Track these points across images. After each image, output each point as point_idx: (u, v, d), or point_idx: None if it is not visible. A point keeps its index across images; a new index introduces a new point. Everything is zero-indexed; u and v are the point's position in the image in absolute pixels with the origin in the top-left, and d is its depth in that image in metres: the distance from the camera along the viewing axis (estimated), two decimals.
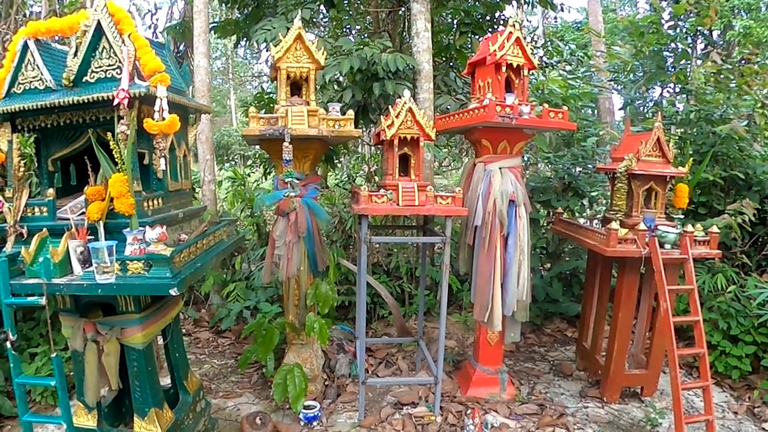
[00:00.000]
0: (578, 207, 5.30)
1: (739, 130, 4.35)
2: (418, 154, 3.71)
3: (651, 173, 3.84)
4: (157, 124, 2.53)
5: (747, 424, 3.77)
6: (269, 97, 7.70)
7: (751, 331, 4.23)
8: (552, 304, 5.40)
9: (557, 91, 5.21)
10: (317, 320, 3.79)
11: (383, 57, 4.93)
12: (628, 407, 3.96)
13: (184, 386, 3.37)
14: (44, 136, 2.85)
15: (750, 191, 4.70)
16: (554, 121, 3.80)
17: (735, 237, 4.49)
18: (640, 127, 5.08)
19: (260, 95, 7.41)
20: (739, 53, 5.51)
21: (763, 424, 3.75)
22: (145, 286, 2.42)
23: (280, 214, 3.73)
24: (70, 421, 2.69)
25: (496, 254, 3.79)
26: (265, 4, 6.24)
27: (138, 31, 2.69)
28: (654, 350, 3.99)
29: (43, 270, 2.42)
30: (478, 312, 3.85)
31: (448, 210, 3.57)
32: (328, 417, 3.75)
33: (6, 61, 2.77)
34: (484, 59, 3.79)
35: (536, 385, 4.27)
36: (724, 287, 4.32)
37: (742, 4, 8.18)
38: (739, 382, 4.27)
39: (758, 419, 3.82)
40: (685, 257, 3.65)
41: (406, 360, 4.64)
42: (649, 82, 5.22)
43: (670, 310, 3.53)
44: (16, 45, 2.73)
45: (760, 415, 3.85)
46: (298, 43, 3.64)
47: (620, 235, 3.68)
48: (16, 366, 2.65)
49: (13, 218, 2.71)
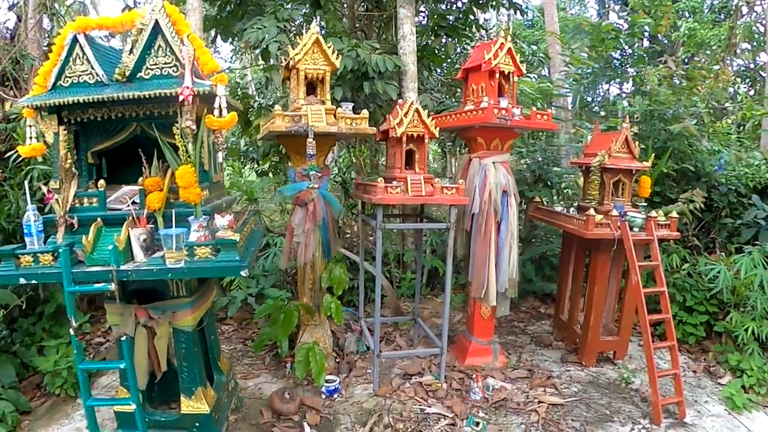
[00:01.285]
0: (548, 197, 5.90)
1: (690, 128, 5.05)
2: (423, 150, 4.11)
3: (620, 167, 4.44)
4: (218, 120, 2.76)
5: (705, 380, 4.45)
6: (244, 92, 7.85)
7: (703, 303, 4.94)
8: (527, 283, 5.98)
9: (527, 92, 5.75)
10: (334, 301, 4.14)
11: (373, 58, 5.27)
12: (604, 369, 4.57)
13: (218, 366, 3.61)
14: (84, 130, 2.95)
15: (699, 182, 5.43)
16: (541, 122, 4.30)
17: (687, 222, 5.20)
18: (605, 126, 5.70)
19: (233, 90, 7.52)
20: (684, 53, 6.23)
21: (719, 380, 4.42)
22: (216, 269, 2.61)
23: (299, 204, 4.03)
24: (139, 400, 2.81)
25: (491, 238, 4.27)
26: (249, 2, 6.40)
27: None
28: (624, 319, 4.61)
29: (112, 257, 2.53)
30: (476, 289, 4.33)
31: (453, 199, 4.00)
32: (345, 389, 4.11)
33: (53, 55, 2.83)
34: (479, 66, 4.23)
35: (522, 354, 4.81)
36: (679, 266, 5.01)
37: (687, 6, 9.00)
38: (695, 346, 4.99)
39: (714, 376, 4.50)
40: (651, 238, 4.27)
41: (403, 337, 5.07)
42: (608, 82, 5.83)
43: (640, 283, 4.14)
44: (64, 38, 2.79)
45: (715, 373, 4.54)
46: (315, 47, 3.93)
47: (597, 220, 4.25)
48: (79, 353, 2.71)
49: (62, 209, 2.80)
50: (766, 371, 4.27)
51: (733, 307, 4.65)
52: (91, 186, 2.99)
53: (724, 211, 5.37)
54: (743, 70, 11.32)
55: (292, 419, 3.64)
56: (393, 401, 3.93)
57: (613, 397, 4.09)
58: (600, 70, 5.89)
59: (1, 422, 3.56)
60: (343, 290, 4.38)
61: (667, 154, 4.92)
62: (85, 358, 3.06)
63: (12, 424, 3.55)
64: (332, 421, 3.67)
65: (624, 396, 4.13)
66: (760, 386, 4.19)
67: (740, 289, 4.56)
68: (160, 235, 2.68)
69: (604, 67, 5.87)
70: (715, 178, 5.33)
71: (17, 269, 2.60)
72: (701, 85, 5.27)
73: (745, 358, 4.37)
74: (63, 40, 2.82)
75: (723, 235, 5.34)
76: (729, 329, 4.61)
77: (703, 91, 5.23)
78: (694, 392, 4.23)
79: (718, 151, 5.45)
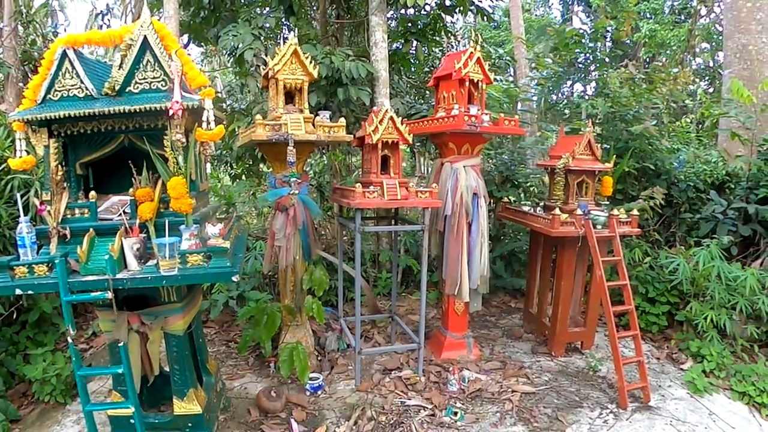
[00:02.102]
0: (516, 197, 6.19)
1: (650, 129, 5.38)
2: (397, 155, 4.30)
3: (583, 168, 4.73)
4: (207, 132, 2.91)
5: (668, 366, 4.78)
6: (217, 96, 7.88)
7: (665, 294, 5.29)
8: (497, 279, 6.26)
9: (494, 95, 6.01)
10: (315, 301, 4.29)
11: (347, 65, 5.43)
12: (572, 359, 4.87)
13: (206, 368, 3.74)
14: (72, 142, 3.03)
15: (659, 179, 5.79)
16: (508, 127, 4.55)
17: (648, 218, 5.55)
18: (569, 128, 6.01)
19: None
20: (645, 54, 6.59)
21: (681, 365, 4.75)
22: (209, 275, 2.77)
23: (280, 209, 4.19)
24: (137, 404, 2.93)
25: (462, 238, 4.51)
26: (222, 9, 6.48)
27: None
28: (590, 311, 4.92)
29: (108, 266, 2.64)
30: (449, 287, 4.57)
31: (427, 202, 4.22)
32: (329, 386, 4.28)
33: (42, 69, 2.90)
34: (450, 74, 4.45)
35: (495, 347, 5.08)
36: (641, 259, 5.35)
37: (648, 8, 9.40)
38: (658, 335, 5.34)
39: (677, 362, 4.83)
40: (613, 235, 4.57)
41: (381, 335, 5.27)
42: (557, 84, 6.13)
43: (604, 277, 4.44)
44: (53, 53, 2.87)
45: (677, 359, 4.87)
46: (294, 58, 4.08)
47: (562, 219, 4.52)
48: (77, 360, 2.81)
49: (54, 220, 2.89)
50: (724, 356, 4.59)
51: (693, 298, 5.00)
52: (80, 197, 3.08)
53: (684, 207, 5.74)
54: (702, 68, 11.87)
55: (279, 416, 3.80)
56: (375, 395, 4.12)
57: (581, 385, 4.38)
58: (564, 73, 6.20)
59: None
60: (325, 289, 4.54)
61: (628, 154, 5.24)
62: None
63: (2, 431, 3.61)
64: (318, 416, 3.84)
65: (592, 383, 4.42)
66: (719, 370, 4.51)
67: (699, 280, 4.91)
68: (153, 244, 2.80)
69: (568, 70, 6.18)
70: (675, 175, 5.69)
71: (12, 280, 2.66)
72: (661, 87, 5.61)
73: (705, 345, 4.71)
74: (52, 55, 2.89)
75: (683, 229, 5.71)
76: (689, 318, 4.95)
77: (664, 91, 5.56)
78: (658, 378, 4.55)
79: (677, 149, 5.82)
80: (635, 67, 5.72)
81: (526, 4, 14.50)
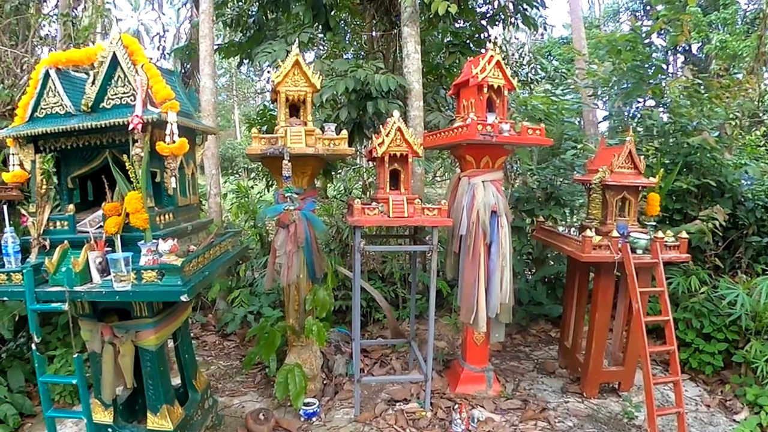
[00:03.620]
0: (561, 215, 5.63)
1: (709, 140, 4.67)
2: (407, 169, 4.01)
3: (623, 184, 4.15)
4: (168, 146, 2.81)
5: (719, 417, 4.05)
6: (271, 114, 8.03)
7: (722, 329, 4.53)
8: (536, 306, 5.72)
9: (540, 107, 5.53)
10: (315, 323, 4.09)
11: (376, 78, 5.24)
12: (606, 402, 4.26)
13: (192, 385, 3.66)
14: (64, 156, 3.13)
15: (722, 198, 5.01)
16: (532, 137, 4.09)
17: (708, 241, 4.79)
18: (617, 140, 5.40)
19: (263, 111, 7.71)
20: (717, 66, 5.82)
21: (734, 416, 4.01)
22: (159, 293, 2.70)
23: (280, 225, 4.04)
24: (89, 416, 2.96)
25: (480, 261, 4.09)
26: (267, 27, 6.57)
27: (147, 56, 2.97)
28: (630, 348, 4.29)
29: (65, 279, 2.67)
30: (465, 314, 4.16)
31: (435, 221, 3.88)
32: (326, 413, 4.05)
33: (29, 88, 3.02)
34: (467, 81, 4.11)
35: (521, 382, 4.57)
36: (697, 288, 4.61)
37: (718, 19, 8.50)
38: (712, 377, 4.57)
39: (729, 411, 4.09)
40: (656, 261, 3.96)
41: (399, 360, 4.95)
42: (627, 97, 5.54)
43: (642, 311, 3.84)
44: (38, 73, 2.97)
45: (731, 408, 4.12)
46: (296, 69, 3.94)
47: (595, 241, 3.98)
48: (41, 366, 2.90)
49: (36, 231, 2.98)
50: None
51: (754, 335, 4.22)
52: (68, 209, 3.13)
53: (751, 229, 4.91)
54: None
55: None
56: (372, 429, 3.83)
57: None
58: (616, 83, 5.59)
59: (3, 424, 3.80)
60: (332, 310, 4.34)
61: (676, 168, 4.56)
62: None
63: (13, 425, 3.80)
64: None
65: None
66: None
67: (763, 315, 4.14)
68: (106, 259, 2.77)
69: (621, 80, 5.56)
70: (741, 193, 4.89)
71: None
72: (723, 95, 4.87)
73: (764, 392, 3.94)
74: (37, 74, 2.99)
75: (749, 255, 4.88)
76: (748, 359, 4.19)
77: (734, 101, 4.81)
78: (704, 430, 3.86)
79: (744, 164, 5.00)
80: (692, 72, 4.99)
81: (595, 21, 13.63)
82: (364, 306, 5.56)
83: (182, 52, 7.32)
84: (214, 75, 5.88)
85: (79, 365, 2.88)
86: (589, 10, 24.20)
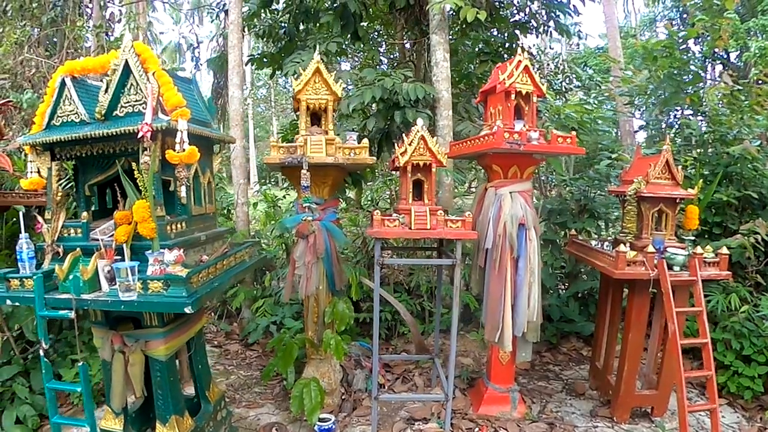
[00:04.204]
0: (595, 228, 5.38)
1: (750, 150, 4.37)
2: (431, 180, 3.88)
3: (660, 195, 3.90)
4: (177, 154, 2.76)
5: None
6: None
7: (764, 351, 4.21)
8: (568, 323, 5.46)
9: (573, 116, 5.31)
10: (334, 337, 3.99)
11: (404, 86, 5.15)
12: (638, 427, 3.99)
13: (206, 396, 3.60)
14: (81, 164, 3.16)
15: (765, 210, 4.69)
16: (562, 146, 3.90)
17: (749, 256, 4.48)
18: (654, 150, 5.14)
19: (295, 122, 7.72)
20: (755, 74, 5.49)
21: None
22: (163, 303, 2.65)
23: (299, 236, 3.97)
24: (93, 424, 2.92)
25: (506, 276, 3.91)
26: (298, 38, 6.58)
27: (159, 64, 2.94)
28: (664, 371, 4.01)
29: (72, 286, 2.68)
30: (489, 332, 3.97)
31: (458, 233, 3.72)
32: (342, 429, 3.93)
33: (46, 96, 3.06)
34: (495, 87, 3.96)
35: (548, 404, 4.34)
36: (738, 307, 4.31)
37: (757, 25, 8.11)
38: (751, 402, 4.24)
39: None
40: (694, 279, 3.70)
41: (422, 376, 4.79)
42: (664, 105, 5.27)
43: (678, 332, 3.59)
44: (55, 82, 3.01)
45: None
46: (317, 77, 3.89)
47: (629, 257, 3.74)
48: (48, 372, 2.92)
49: (51, 238, 3.00)
50: None
51: None
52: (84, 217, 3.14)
53: None
54: None
55: None
56: None
57: None
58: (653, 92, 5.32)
59: (23, 425, 3.88)
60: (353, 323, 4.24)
61: (716, 179, 4.26)
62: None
63: (32, 426, 3.87)
64: None
65: None
66: None
67: None
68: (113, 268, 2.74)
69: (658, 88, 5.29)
70: None
71: (7, 291, 2.82)
72: (764, 102, 4.56)
73: None
74: (54, 83, 3.03)
75: None
76: None
77: None
78: None
79: None
80: (731, 77, 4.69)
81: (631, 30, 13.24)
82: (389, 319, 5.42)
83: (215, 62, 7.42)
84: (242, 85, 5.93)
85: (84, 373, 2.88)
86: (625, 20, 23.72)
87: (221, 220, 5.93)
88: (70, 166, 3.30)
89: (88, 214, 3.09)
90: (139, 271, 2.73)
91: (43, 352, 2.84)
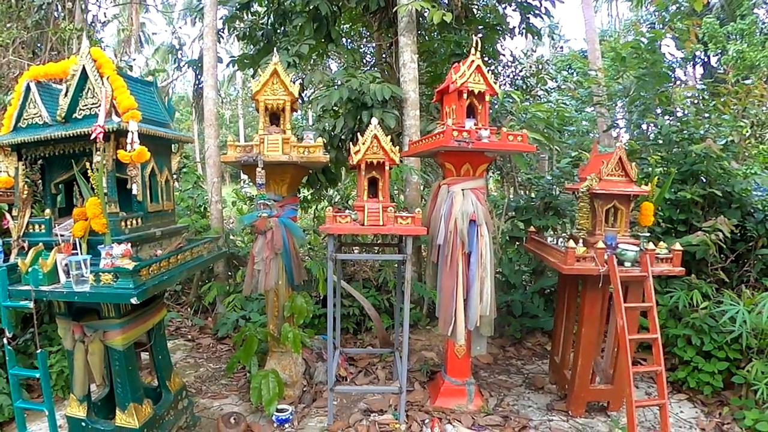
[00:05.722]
0: (560, 225, 5.43)
1: (713, 148, 4.41)
2: (385, 177, 3.97)
3: (613, 192, 3.96)
4: (128, 154, 2.92)
5: None
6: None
7: (723, 347, 4.25)
8: (532, 319, 5.52)
9: (540, 116, 5.37)
10: (292, 330, 4.11)
11: (371, 87, 5.24)
12: (593, 422, 4.06)
13: (166, 385, 3.73)
14: (47, 164, 3.32)
15: (730, 208, 4.72)
16: (513, 143, 3.98)
17: (714, 253, 4.51)
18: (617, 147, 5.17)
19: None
20: (735, 76, 5.51)
21: None
22: (112, 294, 2.81)
23: (258, 232, 4.09)
24: (51, 408, 3.10)
25: (458, 271, 3.99)
26: (276, 40, 6.70)
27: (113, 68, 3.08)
28: (618, 366, 4.07)
29: (31, 279, 2.84)
30: (443, 326, 4.06)
31: (408, 229, 3.82)
32: (300, 420, 4.04)
33: (13, 100, 3.24)
34: (448, 87, 4.05)
35: (505, 398, 4.42)
36: (699, 303, 4.34)
37: (735, 30, 8.12)
38: (711, 397, 4.29)
39: None
40: (645, 275, 3.76)
41: (385, 370, 4.89)
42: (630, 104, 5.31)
43: (627, 327, 3.64)
44: (21, 86, 3.19)
45: None
46: (274, 78, 3.99)
47: (578, 253, 3.82)
48: (11, 359, 3.10)
49: (17, 233, 3.19)
50: None
51: (756, 354, 3.92)
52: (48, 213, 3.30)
53: (761, 241, 4.57)
54: None
55: None
56: None
57: None
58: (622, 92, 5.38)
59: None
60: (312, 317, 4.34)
61: (671, 176, 4.31)
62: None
63: (7, 416, 3.96)
64: None
65: None
66: None
67: (766, 333, 3.84)
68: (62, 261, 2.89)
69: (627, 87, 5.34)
70: (751, 204, 4.58)
71: None
72: (731, 101, 4.59)
73: (764, 417, 3.66)
74: (20, 87, 3.21)
75: (758, 269, 4.55)
76: (749, 380, 3.90)
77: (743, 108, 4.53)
78: None
79: (754, 173, 4.68)
80: (705, 83, 4.73)
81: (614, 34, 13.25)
82: (357, 314, 5.53)
83: (195, 64, 7.58)
84: (216, 86, 6.06)
85: (42, 360, 3.04)
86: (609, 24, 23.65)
87: (196, 218, 6.06)
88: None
89: (52, 212, 3.28)
90: (92, 264, 2.88)
91: (7, 341, 3.02)
